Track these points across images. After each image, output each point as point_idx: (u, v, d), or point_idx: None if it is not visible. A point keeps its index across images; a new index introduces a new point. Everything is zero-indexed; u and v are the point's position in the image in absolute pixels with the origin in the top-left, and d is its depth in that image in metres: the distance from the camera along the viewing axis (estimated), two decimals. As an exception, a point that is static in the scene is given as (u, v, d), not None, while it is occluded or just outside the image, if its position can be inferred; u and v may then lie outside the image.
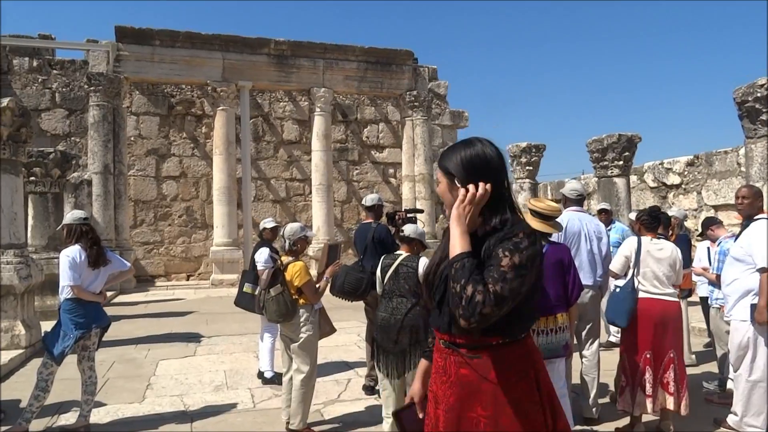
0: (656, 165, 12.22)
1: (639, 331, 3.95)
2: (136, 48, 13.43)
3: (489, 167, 1.74)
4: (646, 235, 4.13)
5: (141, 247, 15.13)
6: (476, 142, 1.80)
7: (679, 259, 4.08)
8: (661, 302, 3.96)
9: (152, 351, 6.89)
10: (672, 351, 3.95)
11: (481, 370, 1.66)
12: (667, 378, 3.92)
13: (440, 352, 1.76)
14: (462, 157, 1.76)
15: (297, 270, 4.09)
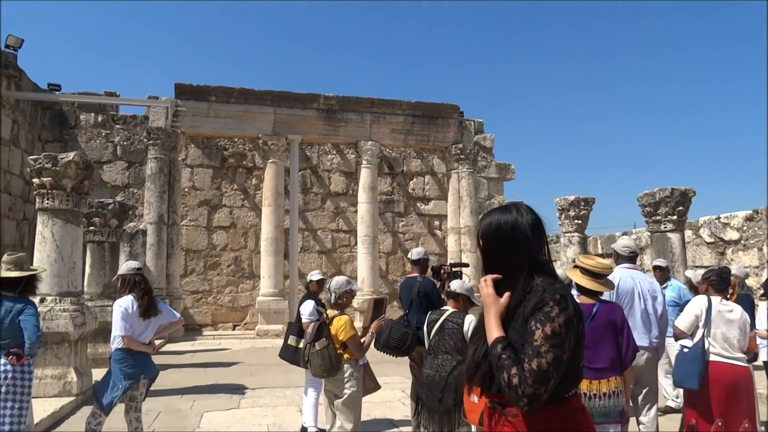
0: (712, 219, 11.80)
1: (711, 397, 3.73)
2: (193, 104, 14.09)
3: (513, 236, 1.79)
4: (715, 295, 3.95)
5: (190, 295, 15.44)
6: (512, 210, 1.85)
7: (748, 322, 3.89)
8: (733, 367, 3.76)
9: (197, 402, 6.91)
10: (746, 420, 3.71)
11: (521, 427, 1.68)
12: (748, 450, 3.68)
13: (487, 411, 1.84)
14: (490, 223, 1.84)
15: (342, 324, 4.08)
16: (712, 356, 3.79)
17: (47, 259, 6.71)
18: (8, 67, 12.52)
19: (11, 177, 13.05)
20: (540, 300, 1.67)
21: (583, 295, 3.79)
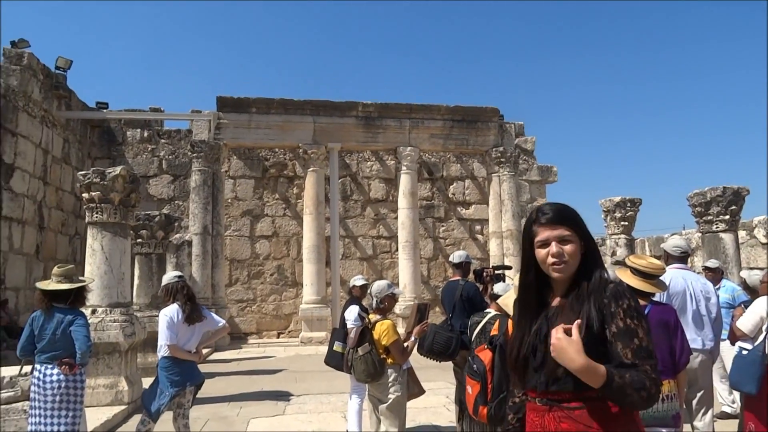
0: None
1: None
2: (235, 116, 14.38)
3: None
4: None
5: (235, 305, 15.70)
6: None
7: None
8: None
9: (244, 409, 7.00)
10: None
11: (584, 421, 1.66)
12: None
13: (536, 411, 1.76)
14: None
15: (385, 329, 4.07)
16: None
17: (97, 271, 6.92)
18: (59, 88, 13.05)
19: (63, 194, 13.58)
20: (613, 287, 1.74)
21: (633, 296, 3.67)
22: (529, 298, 1.86)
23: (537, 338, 1.76)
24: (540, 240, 1.78)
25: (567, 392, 1.68)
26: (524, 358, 1.80)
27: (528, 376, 1.81)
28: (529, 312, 1.84)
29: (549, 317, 1.79)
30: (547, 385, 1.72)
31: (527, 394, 1.83)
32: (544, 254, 1.77)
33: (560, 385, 1.69)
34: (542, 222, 1.79)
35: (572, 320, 1.68)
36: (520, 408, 1.93)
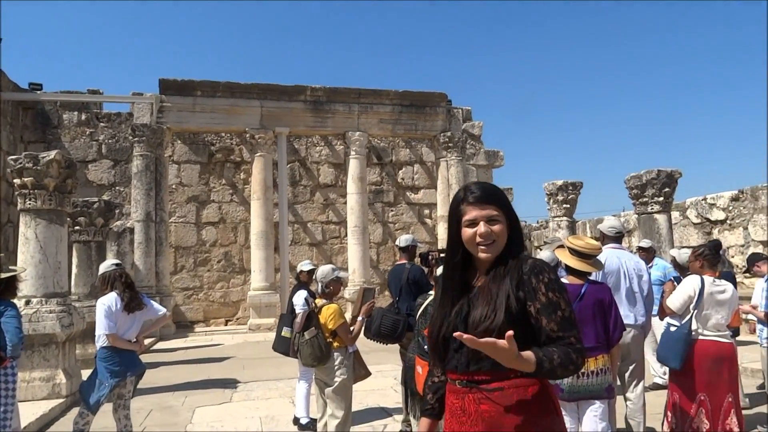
0: (699, 200, 11.87)
1: (695, 374, 3.75)
2: (179, 99, 13.96)
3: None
4: (707, 272, 3.94)
5: (181, 292, 15.37)
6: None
7: (737, 299, 3.90)
8: (717, 344, 3.78)
9: (189, 398, 6.88)
10: (730, 395, 3.74)
11: (503, 403, 1.64)
12: (729, 424, 3.71)
13: (456, 393, 1.74)
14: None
15: (331, 313, 4.07)
16: (698, 336, 3.81)
17: (31, 260, 6.63)
18: (-13, 67, 12.34)
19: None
20: (532, 262, 1.74)
21: (571, 275, 3.80)
22: (454, 277, 1.82)
23: (458, 319, 1.74)
24: (468, 219, 1.74)
25: (486, 372, 1.67)
26: (445, 339, 1.78)
27: (448, 356, 1.78)
28: (452, 292, 1.81)
29: (471, 298, 1.76)
30: (467, 366, 1.70)
31: (447, 375, 1.81)
32: (471, 234, 1.74)
33: (480, 365, 1.67)
34: (470, 201, 1.76)
35: (491, 301, 1.68)
36: (439, 388, 1.91)
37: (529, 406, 1.64)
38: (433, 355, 1.88)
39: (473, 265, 1.81)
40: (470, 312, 1.71)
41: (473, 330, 1.64)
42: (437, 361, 1.88)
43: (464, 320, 1.71)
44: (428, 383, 1.96)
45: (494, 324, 1.63)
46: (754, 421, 5.08)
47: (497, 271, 1.73)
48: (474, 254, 1.77)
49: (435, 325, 1.82)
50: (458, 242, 1.79)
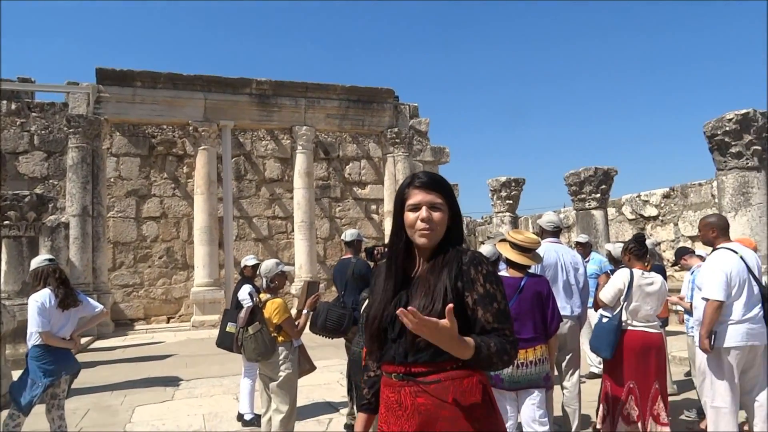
0: (634, 197, 12.40)
1: (624, 362, 3.94)
2: (117, 89, 13.47)
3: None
4: (636, 265, 4.13)
5: (120, 289, 14.88)
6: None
7: (666, 290, 4.11)
8: (645, 334, 3.97)
9: (129, 397, 6.70)
10: (657, 382, 3.95)
11: (440, 396, 1.64)
12: (657, 410, 3.91)
13: (392, 386, 1.72)
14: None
15: (276, 307, 4.05)
16: (629, 327, 3.99)
17: (-43, 254, 6.28)
18: None
19: None
20: (471, 254, 1.76)
21: (511, 268, 3.91)
22: (395, 266, 1.79)
23: (396, 309, 1.64)
24: (412, 203, 1.74)
25: (424, 364, 1.66)
26: (384, 329, 1.75)
27: (385, 348, 1.76)
28: (393, 280, 1.78)
29: (410, 287, 1.76)
30: (405, 357, 1.69)
31: (382, 367, 1.79)
32: (413, 218, 1.73)
33: (418, 356, 1.67)
34: (416, 185, 1.76)
35: (429, 291, 1.69)
36: (375, 382, 1.90)
37: (465, 399, 1.65)
38: (371, 345, 1.82)
39: (414, 254, 1.80)
40: (409, 302, 1.70)
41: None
42: (375, 352, 1.82)
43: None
44: (364, 378, 1.94)
45: (432, 314, 1.62)
46: (681, 406, 5.37)
47: (436, 261, 1.73)
48: (413, 240, 1.76)
49: (376, 315, 1.78)
50: (401, 228, 1.78)
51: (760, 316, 3.83)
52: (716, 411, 3.95)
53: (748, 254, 3.97)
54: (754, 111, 6.15)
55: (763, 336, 3.84)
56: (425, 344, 1.62)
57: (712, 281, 3.85)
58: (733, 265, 3.85)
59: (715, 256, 3.96)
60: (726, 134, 6.26)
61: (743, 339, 3.81)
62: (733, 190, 6.36)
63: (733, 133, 6.20)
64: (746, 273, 3.84)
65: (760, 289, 3.86)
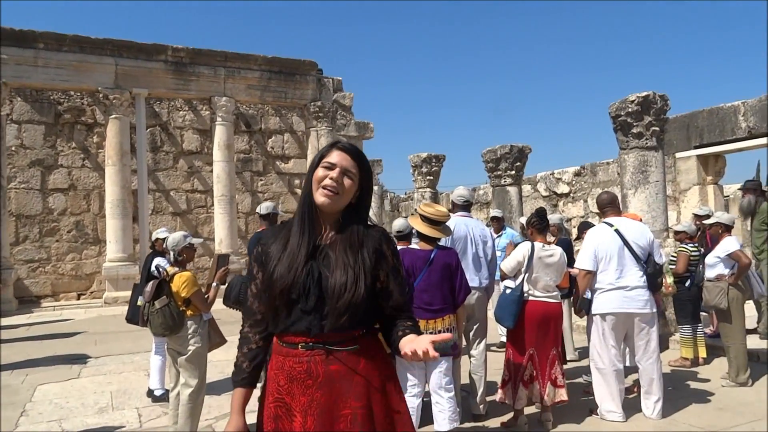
0: (548, 175, 12.93)
1: (525, 331, 4.15)
2: (17, 51, 12.48)
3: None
4: (538, 239, 4.33)
5: (24, 265, 13.99)
6: None
7: (564, 262, 4.35)
8: (545, 304, 4.20)
9: (30, 376, 6.38)
10: (554, 348, 4.20)
11: (351, 363, 1.67)
12: (554, 374, 4.15)
13: (297, 356, 1.69)
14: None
15: (184, 281, 3.95)
16: (529, 297, 4.22)
17: None
18: None
19: None
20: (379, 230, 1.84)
21: (422, 241, 4.01)
22: (309, 228, 1.75)
23: (309, 279, 1.68)
24: (328, 161, 1.73)
25: (342, 334, 1.67)
26: (290, 298, 1.69)
27: (292, 317, 1.70)
28: (305, 246, 1.73)
29: (318, 258, 1.72)
30: (322, 329, 1.67)
31: (284, 338, 1.73)
32: (322, 175, 1.72)
33: (337, 326, 1.66)
34: (339, 147, 1.77)
35: (349, 270, 1.68)
36: (256, 355, 1.82)
37: (374, 362, 1.71)
38: (272, 313, 1.75)
39: (317, 219, 1.77)
40: (322, 275, 1.68)
41: (334, 299, 1.65)
42: (274, 321, 1.75)
43: (318, 283, 1.68)
44: (243, 351, 1.82)
45: (356, 296, 1.65)
46: (580, 372, 5.73)
47: (351, 236, 1.74)
48: (314, 197, 1.74)
49: (281, 281, 1.69)
50: (312, 189, 1.76)
51: (636, 285, 4.17)
52: (599, 372, 4.30)
53: (629, 227, 4.30)
54: (654, 93, 6.53)
55: (639, 303, 4.18)
56: (344, 314, 1.65)
57: (582, 253, 4.35)
58: (602, 238, 4.25)
59: (590, 230, 4.40)
60: (628, 115, 6.63)
61: (615, 306, 4.20)
62: (633, 169, 6.76)
63: (634, 114, 6.57)
64: (618, 245, 4.21)
65: (637, 260, 4.20)
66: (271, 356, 1.77)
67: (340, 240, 1.73)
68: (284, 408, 1.68)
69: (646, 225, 4.80)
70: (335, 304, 1.64)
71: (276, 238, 1.79)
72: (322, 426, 1.63)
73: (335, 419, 1.64)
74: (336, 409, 1.65)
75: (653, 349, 4.27)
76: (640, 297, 4.17)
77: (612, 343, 4.26)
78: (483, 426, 4.36)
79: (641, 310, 4.19)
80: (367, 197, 1.82)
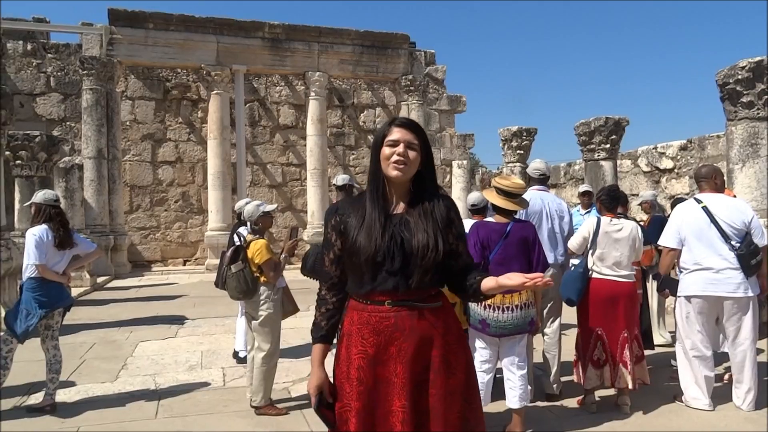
0: (650, 149, 12.10)
1: (590, 310, 3.96)
2: (130, 31, 13.40)
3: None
4: (606, 215, 4.10)
5: (137, 232, 15.21)
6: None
7: (639, 237, 4.07)
8: (612, 282, 3.98)
9: (134, 333, 6.94)
10: (626, 330, 3.96)
11: (433, 318, 1.89)
12: (624, 357, 3.93)
13: (383, 313, 1.87)
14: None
15: (258, 248, 4.10)
16: (595, 274, 4.00)
17: (-34, 192, 6.46)
18: None
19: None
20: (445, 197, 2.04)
21: (498, 214, 3.89)
22: (378, 203, 1.92)
23: (393, 243, 1.85)
24: (391, 139, 1.89)
25: (426, 291, 1.88)
26: (376, 262, 1.85)
27: (378, 279, 1.86)
28: (381, 215, 1.90)
29: (397, 225, 1.89)
30: (408, 286, 1.85)
31: (371, 297, 1.88)
32: (389, 152, 1.88)
33: (423, 284, 1.86)
34: (397, 124, 1.93)
35: (427, 232, 1.87)
36: (333, 315, 2.00)
37: (449, 318, 1.95)
38: (359, 276, 1.90)
39: (387, 193, 1.95)
40: (404, 240, 1.86)
41: (419, 258, 1.83)
42: (365, 284, 1.89)
43: (401, 247, 1.85)
44: (321, 311, 2.00)
45: (438, 255, 1.85)
46: (669, 357, 5.36)
47: (423, 204, 1.92)
48: (386, 173, 1.90)
49: (366, 247, 1.85)
50: (380, 163, 1.92)
51: (725, 267, 3.82)
52: (685, 356, 4.01)
53: (721, 204, 3.94)
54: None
55: (730, 287, 3.83)
56: (428, 272, 1.86)
57: (666, 230, 4.12)
58: (687, 215, 4.00)
59: (677, 207, 4.08)
60: (738, 83, 6.01)
61: (700, 288, 3.88)
62: (742, 141, 6.14)
63: (745, 81, 5.95)
64: (705, 223, 3.86)
65: (726, 239, 3.84)
66: (352, 313, 1.95)
67: (415, 207, 1.92)
68: (370, 357, 1.87)
69: (747, 203, 4.37)
70: (420, 262, 1.84)
71: (354, 210, 1.96)
72: (411, 372, 1.84)
73: (418, 365, 1.85)
74: (420, 358, 1.85)
75: (745, 336, 3.91)
76: (731, 280, 3.82)
77: (698, 328, 3.96)
78: (556, 405, 4.22)
79: (731, 294, 3.84)
80: (431, 165, 1.97)
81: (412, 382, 1.83)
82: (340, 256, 1.96)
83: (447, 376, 1.86)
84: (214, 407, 4.34)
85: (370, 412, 1.85)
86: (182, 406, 4.38)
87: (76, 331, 6.89)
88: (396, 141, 1.88)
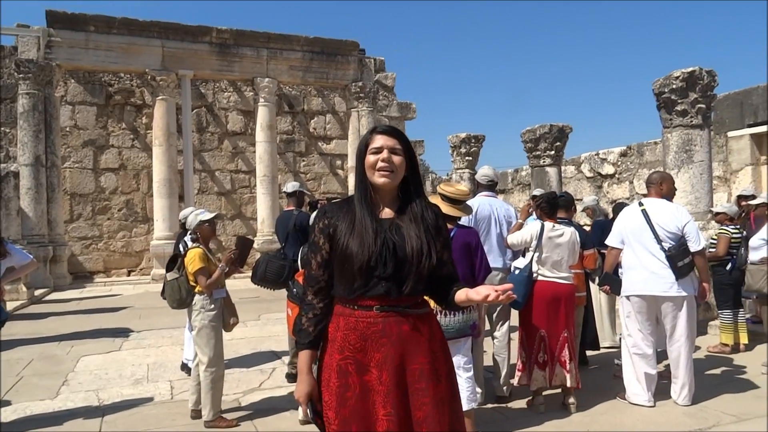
0: (592, 155, 12.54)
1: (533, 312, 4.08)
2: (69, 34, 12.93)
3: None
4: (547, 220, 4.23)
5: (78, 242, 14.65)
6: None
7: (576, 242, 4.24)
8: (554, 284, 4.11)
9: (75, 347, 6.68)
10: (566, 330, 4.09)
11: (419, 324, 1.90)
12: (563, 357, 4.06)
13: (371, 318, 1.86)
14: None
15: (192, 256, 4.02)
16: (540, 277, 4.12)
17: None
18: None
19: None
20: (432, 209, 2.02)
21: (443, 220, 3.94)
22: (369, 206, 1.92)
23: (385, 249, 1.85)
24: (374, 147, 1.89)
25: (414, 297, 1.89)
26: (368, 267, 1.84)
27: (370, 284, 1.86)
28: (371, 222, 1.89)
29: (388, 231, 1.89)
30: (399, 291, 1.85)
31: (360, 302, 1.87)
32: (374, 160, 1.88)
33: (413, 291, 1.87)
34: (379, 131, 1.94)
35: (420, 238, 1.88)
36: (320, 320, 1.96)
37: (434, 325, 1.97)
38: (351, 282, 1.88)
39: (373, 200, 1.94)
40: (396, 246, 1.86)
41: (414, 264, 1.84)
42: (357, 289, 1.88)
43: (393, 253, 1.85)
44: (308, 316, 1.97)
45: (432, 260, 1.87)
46: (613, 356, 5.55)
47: (412, 209, 1.93)
48: (373, 182, 1.91)
49: (357, 254, 1.84)
50: (365, 171, 1.93)
51: (658, 267, 4.02)
52: (629, 353, 4.18)
53: (659, 209, 4.14)
54: (700, 69, 6.19)
55: (664, 286, 4.02)
56: (423, 278, 1.88)
57: (612, 230, 4.36)
58: (629, 218, 4.24)
59: (623, 210, 4.33)
60: (672, 92, 6.31)
61: (638, 288, 4.07)
62: (677, 148, 6.45)
63: (679, 91, 6.26)
64: (642, 225, 4.08)
65: (658, 242, 4.05)
66: (337, 319, 1.93)
67: (405, 213, 1.94)
68: (355, 364, 1.85)
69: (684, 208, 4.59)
70: (415, 268, 1.85)
71: (342, 214, 1.95)
72: (396, 378, 1.83)
73: (405, 372, 1.85)
74: (406, 364, 1.85)
75: (681, 333, 4.11)
76: (664, 279, 4.01)
77: (638, 326, 4.13)
78: (506, 407, 4.31)
79: (665, 293, 4.03)
80: (415, 169, 1.99)
81: (397, 389, 1.83)
82: (327, 260, 1.93)
83: (435, 383, 1.87)
84: (162, 422, 4.21)
85: (356, 420, 1.83)
86: (127, 421, 4.24)
87: (12, 347, 6.57)
88: (379, 148, 1.89)
